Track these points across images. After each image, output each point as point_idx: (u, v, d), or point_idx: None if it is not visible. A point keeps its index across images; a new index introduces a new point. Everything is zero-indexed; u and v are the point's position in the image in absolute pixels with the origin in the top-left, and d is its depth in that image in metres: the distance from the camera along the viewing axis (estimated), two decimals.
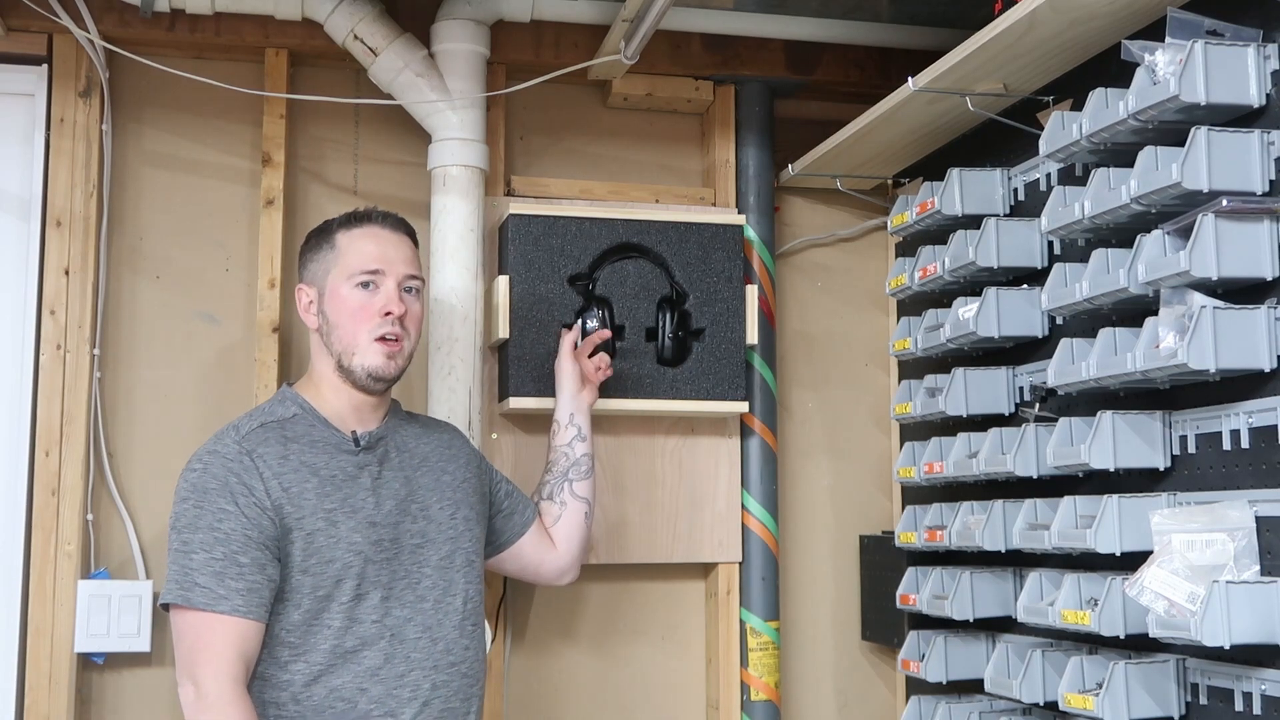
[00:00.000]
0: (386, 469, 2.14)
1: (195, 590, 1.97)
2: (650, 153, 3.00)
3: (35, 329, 2.61)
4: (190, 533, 2.00)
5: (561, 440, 2.48)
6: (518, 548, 2.39)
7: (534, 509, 2.44)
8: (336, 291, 2.14)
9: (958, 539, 2.42)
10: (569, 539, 2.44)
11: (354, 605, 2.05)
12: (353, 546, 2.05)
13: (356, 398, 2.16)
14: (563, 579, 2.47)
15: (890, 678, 3.00)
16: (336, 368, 2.15)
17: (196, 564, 1.98)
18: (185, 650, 1.98)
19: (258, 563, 1.98)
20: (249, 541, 1.98)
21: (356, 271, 2.14)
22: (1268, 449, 1.87)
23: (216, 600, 1.96)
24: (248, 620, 1.97)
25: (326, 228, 2.22)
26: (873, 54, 2.94)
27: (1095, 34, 2.16)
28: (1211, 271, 1.84)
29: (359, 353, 2.12)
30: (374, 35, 2.62)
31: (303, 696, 2.01)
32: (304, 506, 2.04)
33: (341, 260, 2.15)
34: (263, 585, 1.99)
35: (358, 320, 2.13)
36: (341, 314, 2.14)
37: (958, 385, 2.47)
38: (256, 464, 2.03)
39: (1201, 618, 1.76)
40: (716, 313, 2.75)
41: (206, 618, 1.96)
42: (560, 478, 2.46)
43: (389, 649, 2.06)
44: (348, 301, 2.13)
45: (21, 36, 2.64)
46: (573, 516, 2.45)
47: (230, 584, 1.96)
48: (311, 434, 2.11)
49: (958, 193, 2.51)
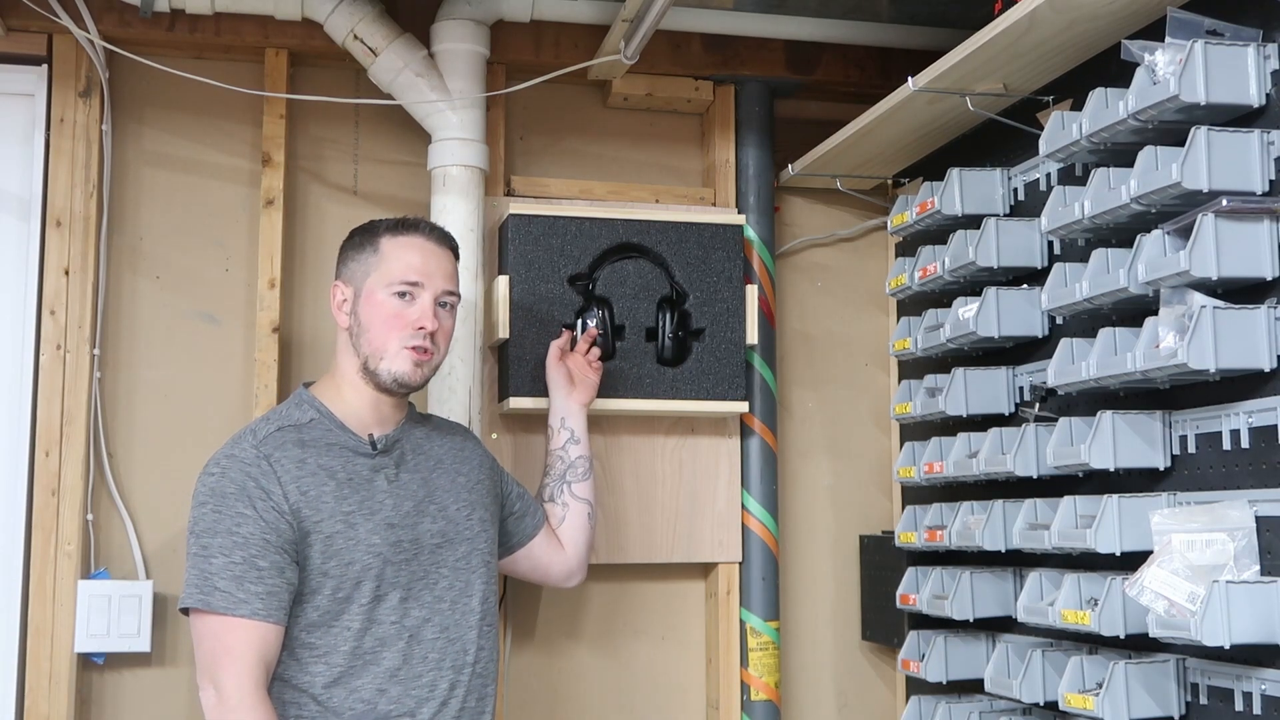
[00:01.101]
0: (403, 471, 2.14)
1: (215, 594, 1.97)
2: (650, 153, 3.00)
3: (35, 329, 2.61)
4: (209, 537, 2.00)
5: (555, 444, 2.50)
6: (529, 549, 2.40)
7: (543, 512, 2.45)
8: (373, 296, 2.14)
9: (958, 539, 2.42)
10: (575, 540, 2.46)
11: (373, 606, 2.05)
12: (371, 548, 2.05)
13: (377, 399, 2.16)
14: (570, 580, 2.48)
15: (890, 678, 2.99)
16: (361, 369, 2.15)
17: (216, 568, 1.98)
18: (206, 654, 1.99)
19: (276, 566, 1.99)
20: (267, 545, 1.98)
21: (396, 280, 2.14)
22: (1268, 449, 1.87)
23: (236, 604, 1.96)
24: (268, 624, 1.97)
25: (372, 229, 2.21)
26: (873, 54, 2.94)
27: (1095, 34, 2.16)
28: (1211, 271, 1.84)
29: (387, 358, 2.13)
30: (374, 35, 2.62)
31: (323, 697, 2.01)
32: (322, 510, 2.03)
33: (383, 265, 2.15)
34: (282, 589, 1.99)
35: (390, 328, 2.13)
36: (374, 319, 2.14)
37: (958, 385, 2.47)
38: (274, 468, 2.03)
39: (1201, 618, 1.76)
40: (716, 313, 2.75)
41: (227, 621, 1.96)
42: (558, 480, 2.47)
43: (407, 649, 2.06)
44: (383, 308, 2.13)
45: (21, 36, 2.64)
46: (576, 518, 2.46)
47: (250, 588, 1.97)
48: (328, 438, 2.11)
49: (958, 193, 2.51)
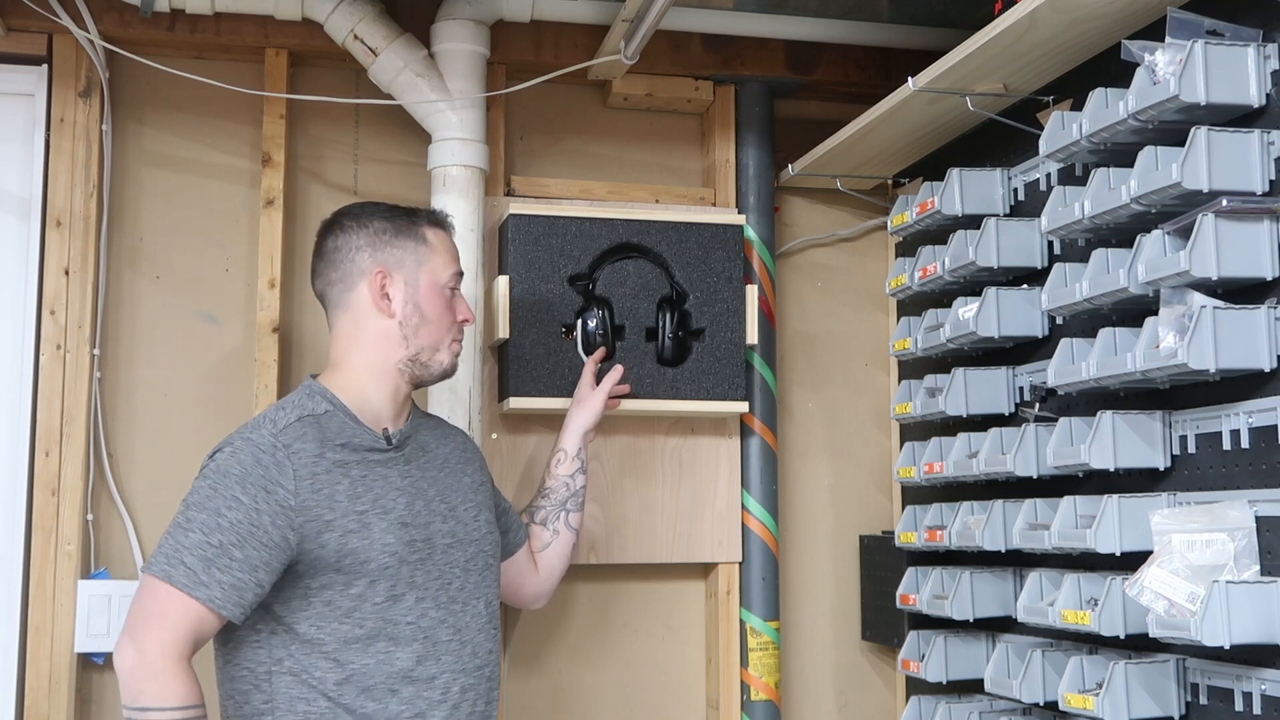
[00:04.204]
0: (414, 467, 2.13)
1: (179, 568, 1.92)
2: (650, 153, 3.00)
3: (35, 329, 2.61)
4: (196, 510, 1.96)
5: (565, 470, 2.47)
6: (505, 565, 2.37)
7: (524, 530, 2.43)
8: (434, 287, 2.16)
9: (958, 539, 2.42)
10: (551, 567, 2.45)
11: (389, 606, 2.03)
12: (386, 548, 2.02)
13: (403, 391, 2.16)
14: (535, 604, 2.48)
15: (890, 678, 2.99)
16: (409, 360, 2.14)
17: (190, 543, 1.93)
18: (140, 613, 1.93)
19: (250, 562, 1.94)
20: (249, 537, 1.94)
21: (452, 275, 2.19)
22: (1268, 449, 1.87)
23: (195, 585, 1.91)
24: (217, 614, 1.93)
25: (411, 218, 2.20)
26: (873, 54, 2.94)
27: (1095, 34, 2.16)
28: (1211, 271, 1.84)
29: (441, 351, 2.17)
30: (374, 35, 2.62)
31: (334, 694, 1.99)
32: (336, 508, 2.01)
33: (436, 258, 2.17)
34: (248, 585, 1.94)
35: (445, 322, 2.17)
36: (436, 311, 2.16)
37: (958, 385, 2.47)
38: (291, 460, 1.99)
39: (1201, 618, 1.76)
40: (716, 313, 2.75)
41: (178, 595, 1.91)
42: (558, 507, 2.45)
43: (421, 650, 2.04)
44: (442, 300, 2.17)
45: (21, 36, 2.64)
46: (562, 547, 2.45)
47: (216, 574, 1.92)
48: (344, 432, 2.08)
49: (958, 193, 2.51)
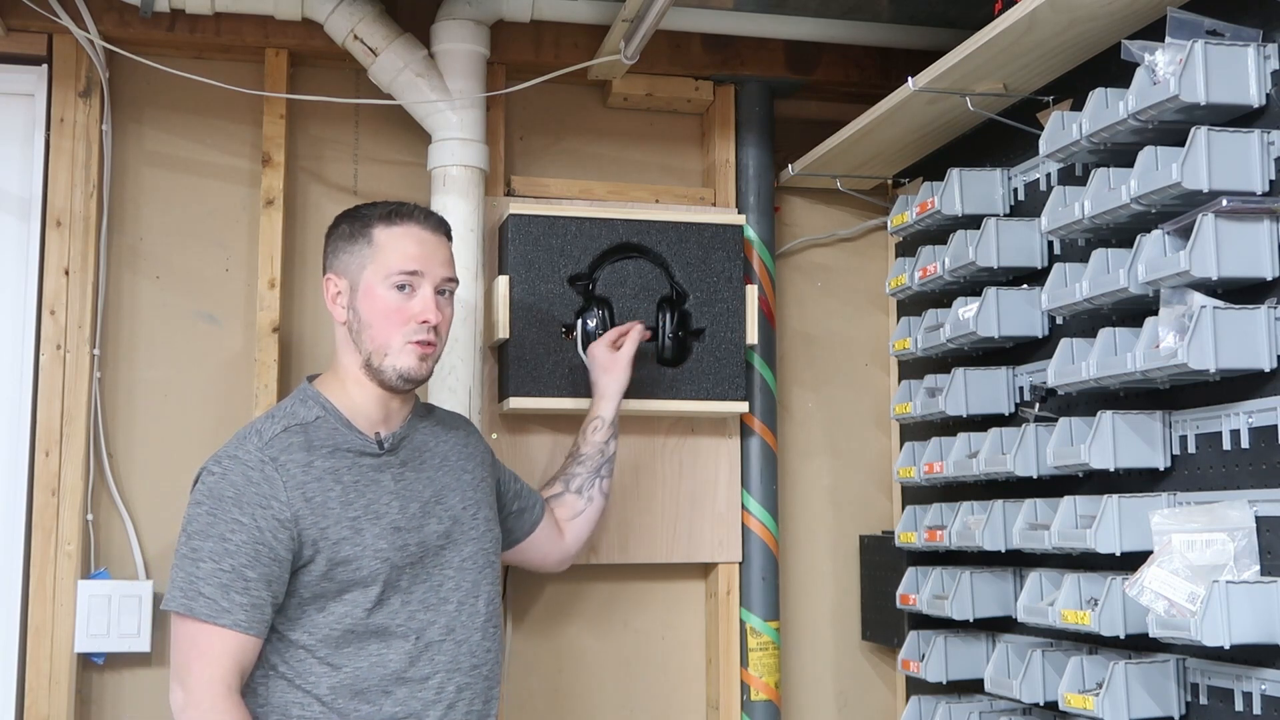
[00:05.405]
0: (409, 470, 2.11)
1: (199, 600, 1.94)
2: (650, 153, 3.00)
3: (35, 329, 2.61)
4: (200, 540, 1.96)
5: (600, 437, 2.51)
6: (528, 543, 2.41)
7: (543, 504, 2.44)
8: (371, 290, 2.07)
9: (958, 539, 2.42)
10: (579, 533, 2.49)
11: (379, 609, 2.02)
12: (379, 554, 2.01)
13: (383, 395, 2.11)
14: (562, 566, 2.53)
15: (890, 678, 2.99)
16: (364, 365, 2.09)
17: (203, 573, 1.95)
18: (180, 655, 1.97)
19: (264, 578, 1.95)
20: (258, 556, 1.95)
21: (395, 272, 2.06)
22: (1268, 449, 1.87)
23: (219, 613, 1.93)
24: (248, 635, 1.95)
25: (362, 218, 2.12)
26: (873, 54, 2.94)
27: (1095, 34, 2.16)
28: (1211, 271, 1.84)
29: (391, 354, 2.06)
30: (374, 35, 2.62)
31: (328, 699, 1.99)
32: (328, 516, 2.00)
33: (379, 258, 2.07)
34: (266, 602, 1.96)
35: (392, 323, 2.06)
36: (375, 314, 2.07)
37: (958, 385, 2.47)
38: (279, 473, 1.99)
39: (1201, 618, 1.76)
40: (716, 313, 2.75)
41: (206, 628, 1.94)
42: (593, 474, 2.49)
43: (414, 652, 2.04)
44: (383, 301, 2.06)
45: (21, 36, 2.64)
46: (593, 514, 2.50)
47: (235, 598, 1.94)
48: (335, 438, 2.06)
49: (958, 193, 2.51)
